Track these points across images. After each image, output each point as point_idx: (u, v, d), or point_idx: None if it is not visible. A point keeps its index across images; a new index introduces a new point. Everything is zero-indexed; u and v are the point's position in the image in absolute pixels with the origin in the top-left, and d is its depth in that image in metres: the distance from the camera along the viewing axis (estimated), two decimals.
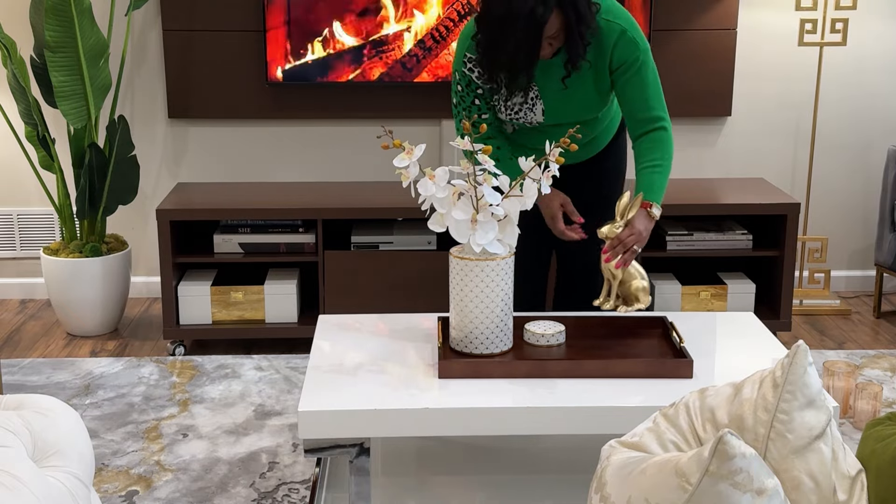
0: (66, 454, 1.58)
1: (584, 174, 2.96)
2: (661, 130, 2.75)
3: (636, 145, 2.78)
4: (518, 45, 2.53)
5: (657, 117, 2.75)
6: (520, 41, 2.53)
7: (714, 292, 3.95)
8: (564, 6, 2.53)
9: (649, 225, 2.67)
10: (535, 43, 2.55)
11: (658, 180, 2.72)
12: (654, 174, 2.72)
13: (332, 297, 3.85)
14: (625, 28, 2.68)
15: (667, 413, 1.67)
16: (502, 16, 2.52)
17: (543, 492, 2.52)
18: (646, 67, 2.72)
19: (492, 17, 2.56)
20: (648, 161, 2.73)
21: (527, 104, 2.75)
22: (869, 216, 4.53)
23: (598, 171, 2.99)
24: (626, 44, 2.69)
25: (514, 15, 2.50)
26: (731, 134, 4.43)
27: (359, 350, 2.53)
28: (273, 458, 3.04)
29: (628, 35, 2.68)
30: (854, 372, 3.31)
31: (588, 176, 2.97)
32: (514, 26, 2.50)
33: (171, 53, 4.17)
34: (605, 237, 2.52)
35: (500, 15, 2.52)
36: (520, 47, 2.54)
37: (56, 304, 4.02)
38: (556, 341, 2.49)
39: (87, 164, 3.87)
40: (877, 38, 4.35)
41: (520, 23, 2.50)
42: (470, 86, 2.76)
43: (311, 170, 4.37)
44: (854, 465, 1.57)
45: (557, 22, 2.55)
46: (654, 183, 2.71)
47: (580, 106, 2.77)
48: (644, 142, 2.75)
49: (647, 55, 2.72)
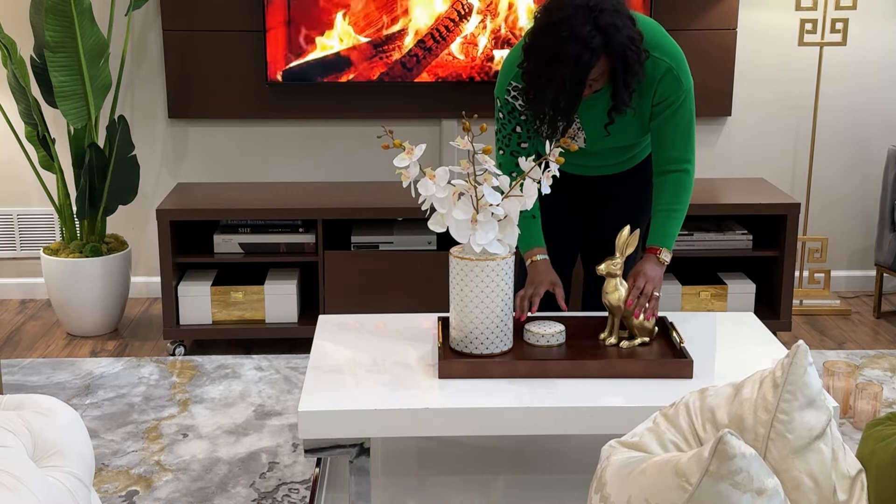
0: (66, 454, 1.58)
1: (622, 181, 2.95)
2: (684, 173, 2.71)
3: (657, 181, 2.74)
4: (559, 87, 2.47)
5: (684, 159, 2.71)
6: (563, 84, 2.47)
7: (714, 292, 3.95)
8: (612, 54, 2.47)
9: (660, 270, 2.64)
10: (578, 88, 2.48)
11: (672, 225, 2.70)
12: (669, 219, 2.70)
13: (332, 297, 3.85)
14: (671, 66, 2.61)
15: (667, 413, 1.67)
16: (549, 57, 2.46)
17: (543, 492, 2.52)
18: (684, 108, 2.67)
19: (539, 55, 2.49)
20: (665, 204, 2.71)
21: (570, 133, 2.67)
22: (869, 216, 4.53)
23: (634, 180, 2.96)
24: (671, 81, 2.63)
25: (560, 58, 2.44)
26: (731, 134, 4.43)
27: (359, 350, 2.53)
28: (273, 458, 3.04)
29: (674, 73, 2.62)
30: (854, 372, 3.31)
31: (624, 182, 2.95)
32: (560, 70, 2.45)
33: (171, 53, 4.17)
34: (604, 273, 2.50)
35: (547, 56, 2.46)
36: (561, 90, 2.48)
37: (56, 304, 4.02)
38: (556, 341, 2.49)
39: (87, 164, 3.87)
40: (877, 38, 4.35)
41: (564, 67, 2.44)
42: (512, 113, 2.69)
43: (311, 170, 4.37)
44: (854, 465, 1.57)
45: (603, 66, 2.49)
46: (667, 228, 2.69)
47: (622, 136, 2.74)
48: (666, 182, 2.72)
49: (690, 95, 2.66)
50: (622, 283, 2.50)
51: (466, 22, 4.07)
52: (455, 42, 4.09)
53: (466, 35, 4.08)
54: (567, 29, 2.42)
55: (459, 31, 4.08)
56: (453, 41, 4.09)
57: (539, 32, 2.49)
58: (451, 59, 4.10)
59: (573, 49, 2.41)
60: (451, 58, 4.10)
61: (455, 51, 4.09)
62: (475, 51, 4.09)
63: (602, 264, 2.50)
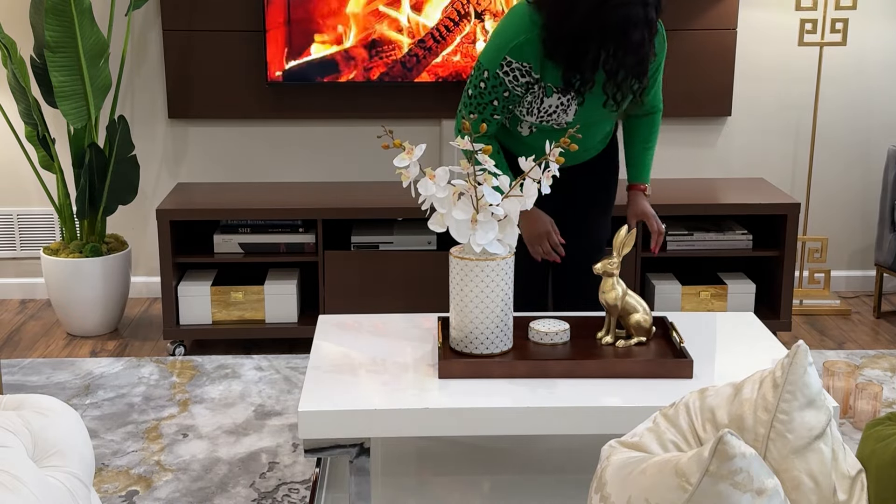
0: (66, 454, 1.58)
1: (594, 167, 3.03)
2: (657, 113, 2.99)
3: (633, 123, 2.97)
4: (628, 48, 2.55)
5: (658, 103, 2.98)
6: (630, 46, 2.54)
7: (714, 292, 3.95)
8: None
9: (648, 204, 2.99)
10: (642, 49, 2.57)
11: (649, 161, 3.01)
12: (646, 155, 3.00)
13: (332, 297, 3.85)
14: (661, 24, 2.74)
15: (667, 413, 1.67)
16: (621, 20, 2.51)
17: (543, 492, 2.52)
18: (663, 60, 2.86)
19: (607, 23, 2.52)
20: (642, 142, 2.99)
21: (561, 106, 2.74)
22: (869, 216, 4.53)
23: (604, 163, 3.08)
24: (662, 40, 2.80)
25: (634, 21, 2.51)
26: (731, 134, 4.43)
27: (359, 350, 2.53)
28: (273, 458, 3.04)
29: (663, 31, 2.78)
30: (854, 372, 3.31)
31: (595, 170, 3.04)
32: (634, 33, 2.53)
33: (171, 53, 4.17)
34: (600, 272, 2.51)
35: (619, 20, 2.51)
36: (629, 50, 2.56)
37: (56, 304, 4.02)
38: (560, 339, 2.49)
39: (87, 164, 3.87)
40: (877, 38, 4.35)
41: (637, 31, 2.52)
42: (496, 88, 2.71)
43: (311, 170, 4.37)
44: (854, 465, 1.57)
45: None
46: (646, 163, 3.00)
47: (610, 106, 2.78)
48: (641, 123, 2.97)
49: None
50: (619, 282, 2.50)
51: (466, 22, 4.07)
52: (455, 42, 4.09)
53: (466, 35, 4.08)
54: None
55: (459, 31, 4.08)
56: (453, 41, 4.09)
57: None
58: (451, 58, 4.10)
59: (638, 11, 2.50)
60: (452, 58, 4.10)
61: (455, 51, 4.09)
62: (475, 51, 4.09)
63: (598, 263, 2.51)
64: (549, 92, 2.71)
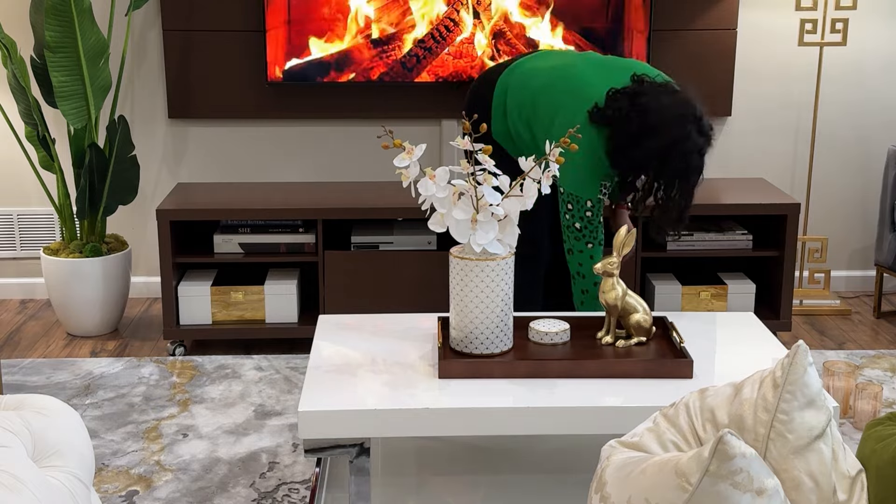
0: (66, 454, 1.58)
1: None
2: None
3: None
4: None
5: None
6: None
7: (714, 292, 3.95)
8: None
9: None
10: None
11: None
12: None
13: (332, 297, 3.85)
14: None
15: (667, 413, 1.67)
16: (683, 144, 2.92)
17: (543, 492, 2.52)
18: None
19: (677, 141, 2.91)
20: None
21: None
22: (869, 216, 4.53)
23: None
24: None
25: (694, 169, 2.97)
26: (731, 134, 4.43)
27: (359, 350, 2.53)
28: (273, 458, 3.04)
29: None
30: (854, 372, 3.31)
31: None
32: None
33: (171, 53, 4.17)
34: (600, 272, 2.51)
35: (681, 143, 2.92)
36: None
37: (56, 304, 4.02)
38: (560, 340, 2.49)
39: (87, 164, 3.87)
40: (877, 38, 4.35)
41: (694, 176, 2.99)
42: (596, 206, 2.98)
43: (311, 170, 4.37)
44: (854, 465, 1.57)
45: None
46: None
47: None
48: None
49: None
50: (619, 283, 2.50)
51: (466, 22, 4.06)
52: (455, 42, 4.09)
53: (466, 35, 4.08)
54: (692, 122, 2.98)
55: (459, 31, 4.08)
56: (453, 41, 4.09)
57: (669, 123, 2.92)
58: (451, 59, 4.10)
59: (699, 161, 2.95)
60: (452, 58, 4.10)
61: (455, 51, 4.09)
62: (475, 51, 4.09)
63: (598, 263, 2.51)
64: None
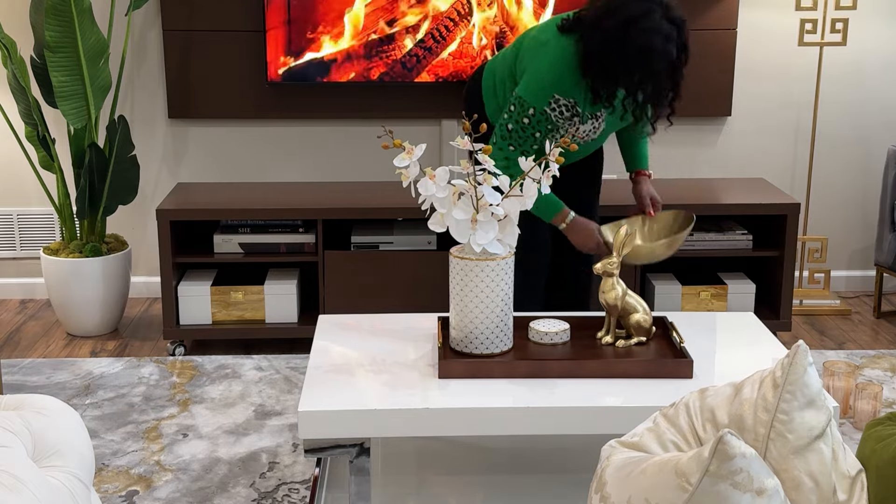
0: (66, 454, 1.58)
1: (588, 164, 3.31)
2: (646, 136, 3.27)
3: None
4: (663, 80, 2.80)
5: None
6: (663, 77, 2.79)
7: (714, 292, 3.95)
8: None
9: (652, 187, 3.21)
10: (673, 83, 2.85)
11: (646, 150, 3.26)
12: (643, 146, 3.24)
13: (332, 297, 3.85)
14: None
15: (667, 413, 1.67)
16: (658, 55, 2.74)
17: (543, 492, 2.52)
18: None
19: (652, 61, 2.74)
20: (637, 136, 3.20)
21: (593, 130, 2.98)
22: (869, 216, 4.53)
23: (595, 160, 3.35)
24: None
25: (654, 50, 2.73)
26: (731, 134, 4.43)
27: (359, 350, 2.53)
28: (273, 458, 3.04)
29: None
30: (854, 372, 3.31)
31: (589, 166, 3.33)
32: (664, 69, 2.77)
33: (171, 53, 4.17)
34: (600, 272, 2.51)
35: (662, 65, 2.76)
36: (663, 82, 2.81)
37: (56, 304, 4.02)
38: (560, 339, 2.49)
39: (87, 164, 3.87)
40: (877, 38, 4.35)
41: (656, 61, 2.75)
42: (540, 123, 2.87)
43: (311, 170, 4.37)
44: (854, 465, 1.57)
45: None
46: (644, 153, 3.24)
47: (624, 122, 3.05)
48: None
49: None
50: (619, 282, 2.50)
51: (466, 22, 4.06)
52: (455, 42, 4.09)
53: (466, 35, 4.08)
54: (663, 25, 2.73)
55: (459, 31, 4.08)
56: (453, 41, 4.09)
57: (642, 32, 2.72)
58: (451, 59, 4.10)
59: (658, 42, 2.73)
60: (452, 58, 4.10)
61: (455, 51, 4.09)
62: (475, 50, 4.09)
63: (598, 263, 2.51)
64: (585, 119, 2.91)
